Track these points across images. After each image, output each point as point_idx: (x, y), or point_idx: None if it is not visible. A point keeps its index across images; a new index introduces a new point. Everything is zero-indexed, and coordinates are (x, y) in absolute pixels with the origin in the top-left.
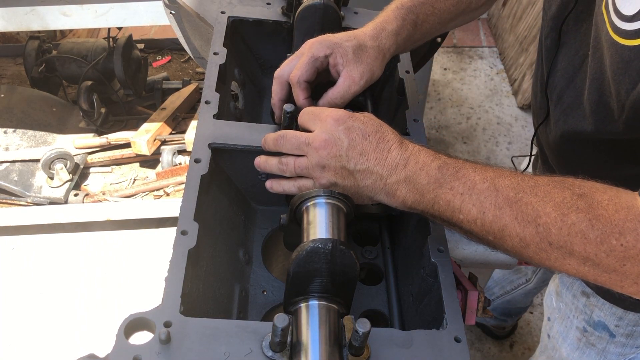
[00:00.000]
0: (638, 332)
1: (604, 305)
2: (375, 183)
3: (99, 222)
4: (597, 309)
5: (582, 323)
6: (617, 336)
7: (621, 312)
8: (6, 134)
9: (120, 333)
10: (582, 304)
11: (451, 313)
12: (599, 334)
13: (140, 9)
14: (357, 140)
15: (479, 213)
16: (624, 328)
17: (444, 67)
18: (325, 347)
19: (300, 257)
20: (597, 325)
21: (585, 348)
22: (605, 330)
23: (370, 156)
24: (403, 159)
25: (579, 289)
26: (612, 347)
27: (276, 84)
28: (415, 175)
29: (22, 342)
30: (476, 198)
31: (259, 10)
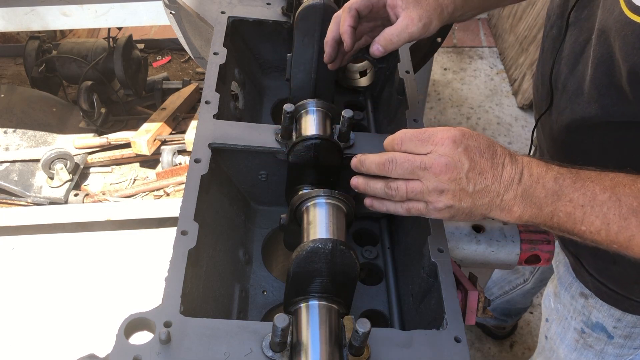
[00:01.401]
0: (636, 333)
1: (602, 307)
2: (492, 201)
3: (99, 222)
4: (596, 310)
5: (580, 324)
6: (615, 337)
7: (620, 313)
8: (6, 134)
9: (121, 333)
10: (581, 305)
11: (451, 313)
12: (597, 335)
13: (140, 9)
14: (476, 159)
15: (603, 224)
16: (622, 329)
17: (444, 67)
18: (325, 347)
19: (300, 257)
20: (595, 326)
21: (583, 349)
22: (604, 331)
23: (487, 175)
24: (517, 173)
25: (578, 290)
26: (610, 349)
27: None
28: (532, 189)
29: (22, 342)
30: (599, 210)
31: (259, 10)
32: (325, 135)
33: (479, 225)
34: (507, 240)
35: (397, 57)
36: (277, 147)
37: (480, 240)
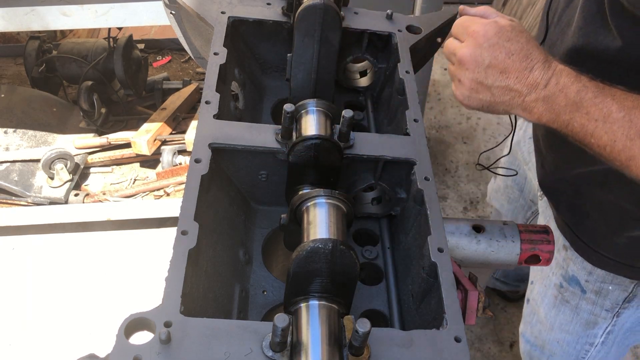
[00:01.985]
0: (605, 290)
1: (577, 259)
2: (513, 100)
3: (99, 222)
4: (572, 263)
5: (560, 279)
6: (588, 292)
7: (591, 267)
8: (6, 134)
9: (121, 333)
10: (562, 258)
11: (451, 313)
12: (573, 289)
13: (140, 9)
14: (499, 58)
15: (609, 141)
16: (592, 284)
17: (444, 67)
18: (325, 347)
19: (300, 257)
20: (571, 280)
21: (561, 305)
22: (578, 285)
23: (510, 75)
24: (545, 79)
25: (561, 242)
26: (584, 304)
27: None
28: (554, 97)
29: (22, 342)
30: (609, 127)
31: (259, 10)
32: (325, 135)
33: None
34: (507, 240)
35: (397, 57)
36: (277, 147)
37: (480, 240)
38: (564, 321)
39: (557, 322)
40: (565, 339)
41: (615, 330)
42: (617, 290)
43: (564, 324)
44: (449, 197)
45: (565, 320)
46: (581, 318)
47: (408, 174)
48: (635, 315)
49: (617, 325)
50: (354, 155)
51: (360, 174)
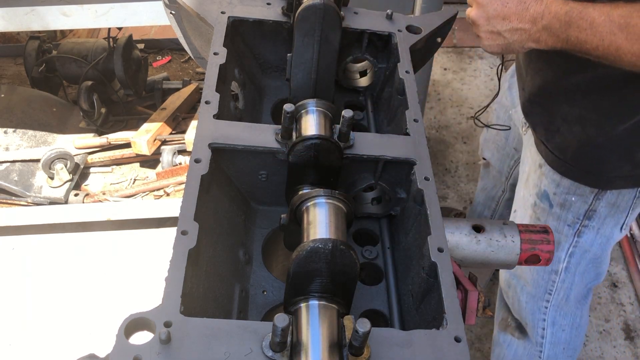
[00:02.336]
0: (569, 202)
1: (548, 173)
2: (522, 36)
3: (99, 222)
4: (545, 178)
5: (534, 197)
6: (554, 206)
7: (559, 178)
8: (6, 134)
9: (121, 333)
10: (537, 176)
11: (451, 313)
12: (543, 205)
13: (140, 9)
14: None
15: (599, 41)
16: (559, 196)
17: (444, 67)
18: (325, 347)
19: (300, 257)
20: (542, 196)
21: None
22: (547, 199)
23: (512, 18)
24: (539, 13)
25: (537, 161)
26: (550, 220)
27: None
28: (551, 24)
29: (22, 342)
30: (595, 30)
31: (259, 10)
32: (325, 135)
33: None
34: (507, 240)
35: (397, 57)
36: (277, 147)
37: (480, 240)
38: None
39: None
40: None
41: (576, 253)
42: (579, 202)
43: None
44: (449, 197)
45: None
46: None
47: (408, 174)
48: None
49: (579, 247)
50: (354, 155)
51: (360, 174)
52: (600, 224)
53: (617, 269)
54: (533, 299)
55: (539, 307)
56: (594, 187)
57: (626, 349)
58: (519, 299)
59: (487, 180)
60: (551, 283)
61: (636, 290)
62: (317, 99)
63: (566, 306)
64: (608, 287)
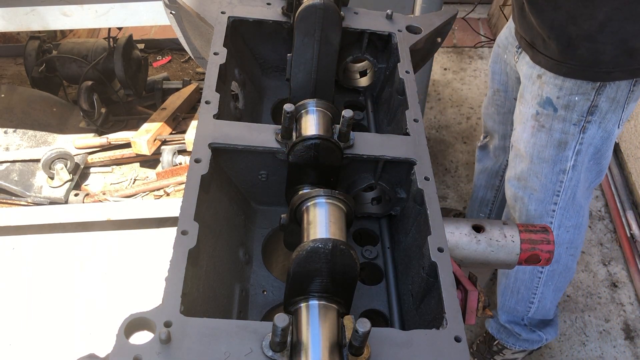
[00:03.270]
0: (573, 102)
1: (549, 80)
2: None
3: (99, 222)
4: (545, 86)
5: (535, 107)
6: (559, 109)
7: (560, 81)
8: (6, 134)
9: (121, 333)
10: (537, 87)
11: (451, 313)
12: (546, 111)
13: (140, 9)
14: None
15: None
16: (562, 99)
17: (444, 67)
18: (325, 346)
19: (300, 257)
20: (545, 102)
21: (537, 132)
22: (550, 105)
23: None
24: None
25: (535, 73)
26: (556, 124)
27: None
28: None
29: (22, 342)
30: None
31: (259, 10)
32: (325, 135)
33: (479, 225)
34: (507, 240)
35: (397, 57)
36: (277, 147)
37: (480, 240)
38: (540, 147)
39: (535, 151)
40: (542, 171)
41: (582, 150)
42: (582, 101)
43: (541, 150)
44: (449, 197)
45: (541, 146)
46: (554, 140)
47: (408, 173)
48: (599, 134)
49: (584, 143)
50: (354, 155)
51: (360, 174)
52: (601, 118)
53: (617, 269)
54: (542, 204)
55: (547, 211)
56: (595, 80)
57: (626, 349)
58: (527, 209)
59: (486, 160)
60: (559, 184)
61: (636, 290)
62: (317, 99)
63: (572, 206)
64: (608, 287)
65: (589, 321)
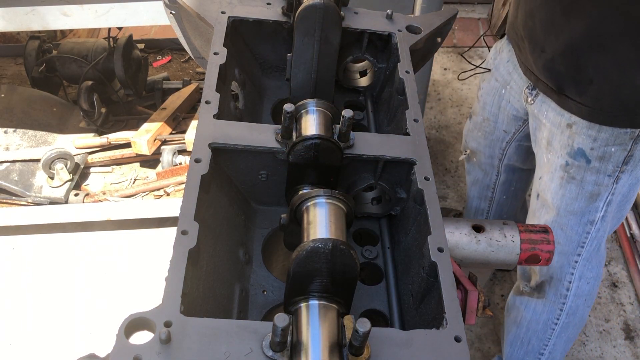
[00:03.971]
0: (609, 153)
1: (582, 130)
2: None
3: (99, 222)
4: (577, 136)
5: (565, 158)
6: (592, 161)
7: (595, 132)
8: (6, 134)
9: (121, 333)
10: (567, 136)
11: (451, 313)
12: (578, 162)
13: (140, 9)
14: None
15: None
16: (597, 150)
17: (444, 67)
18: (325, 346)
19: (300, 257)
20: (576, 153)
21: (567, 184)
22: (583, 156)
23: None
24: None
25: (564, 122)
26: (588, 175)
27: None
28: None
29: (22, 342)
30: None
31: (259, 10)
32: (325, 135)
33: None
34: (507, 240)
35: (397, 57)
36: (277, 147)
37: (480, 240)
38: (569, 200)
39: (563, 203)
40: (569, 223)
41: (613, 200)
42: (618, 151)
43: (570, 203)
44: (449, 197)
45: (570, 199)
46: (586, 192)
47: (408, 173)
48: (629, 182)
49: (616, 193)
50: (354, 155)
51: (360, 174)
52: (634, 166)
53: (617, 269)
54: (564, 255)
55: (569, 262)
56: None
57: (626, 349)
58: None
59: (476, 172)
60: (585, 235)
61: (636, 290)
62: (317, 99)
63: (596, 257)
64: (608, 287)
65: (589, 321)
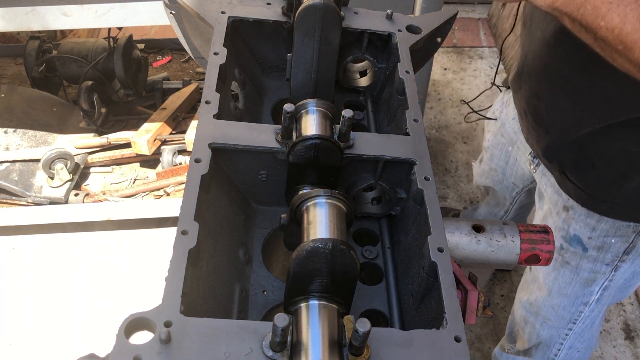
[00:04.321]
0: (608, 244)
1: (580, 217)
2: None
3: (99, 222)
4: (574, 222)
5: (560, 241)
6: (590, 249)
7: (595, 222)
8: (6, 134)
9: (121, 333)
10: (562, 219)
11: (451, 313)
12: (574, 249)
13: (140, 9)
14: None
15: (619, 23)
16: (595, 240)
17: (444, 67)
18: (325, 346)
19: (300, 257)
20: (572, 240)
21: (561, 268)
22: (579, 244)
23: None
24: None
25: (561, 204)
26: (584, 263)
27: None
28: None
29: (22, 342)
30: (622, 9)
31: (259, 10)
32: (325, 135)
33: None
34: (507, 240)
35: (397, 57)
36: (277, 147)
37: (480, 240)
38: (562, 284)
39: (556, 285)
40: (561, 304)
41: (611, 285)
42: (619, 243)
43: (563, 286)
44: (449, 197)
45: (564, 283)
46: (581, 278)
47: (408, 173)
48: (631, 269)
49: (614, 280)
50: (354, 155)
51: (360, 174)
52: (637, 255)
53: None
54: (554, 330)
55: (560, 334)
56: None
57: (626, 349)
58: (537, 334)
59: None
60: (578, 314)
61: (636, 290)
62: (317, 99)
63: (589, 332)
64: None
65: None
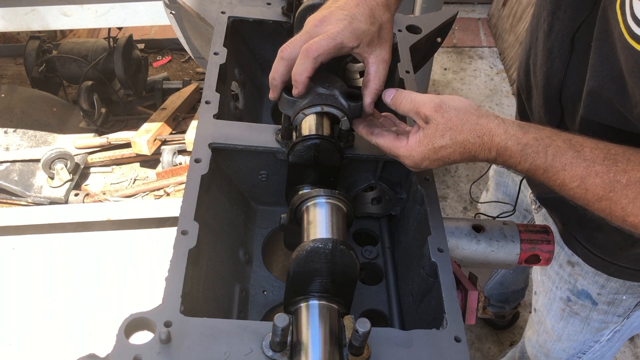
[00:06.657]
0: (619, 300)
1: (587, 274)
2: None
3: (99, 222)
4: (581, 278)
5: (567, 293)
6: (600, 304)
7: (604, 280)
8: (6, 134)
9: (121, 333)
10: (567, 273)
11: (451, 313)
12: (582, 302)
13: (141, 9)
14: (442, 162)
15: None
16: (605, 296)
17: (444, 67)
18: (325, 346)
19: (300, 257)
20: (580, 293)
21: (569, 317)
22: (588, 298)
23: (461, 160)
24: (491, 159)
25: (565, 258)
26: (595, 315)
27: (282, 65)
28: (507, 164)
29: (22, 342)
30: (566, 194)
31: (259, 10)
32: (325, 135)
33: (479, 225)
34: (507, 240)
35: (397, 57)
36: (277, 147)
37: (480, 240)
38: (572, 332)
39: (566, 333)
40: (572, 346)
41: (622, 329)
42: (630, 299)
43: (573, 334)
44: (449, 197)
45: (574, 331)
46: (592, 327)
47: (408, 174)
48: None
49: (626, 325)
50: (354, 155)
51: (360, 174)
52: None
53: None
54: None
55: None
56: None
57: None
58: None
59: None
60: (588, 347)
61: None
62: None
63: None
64: None
65: None
